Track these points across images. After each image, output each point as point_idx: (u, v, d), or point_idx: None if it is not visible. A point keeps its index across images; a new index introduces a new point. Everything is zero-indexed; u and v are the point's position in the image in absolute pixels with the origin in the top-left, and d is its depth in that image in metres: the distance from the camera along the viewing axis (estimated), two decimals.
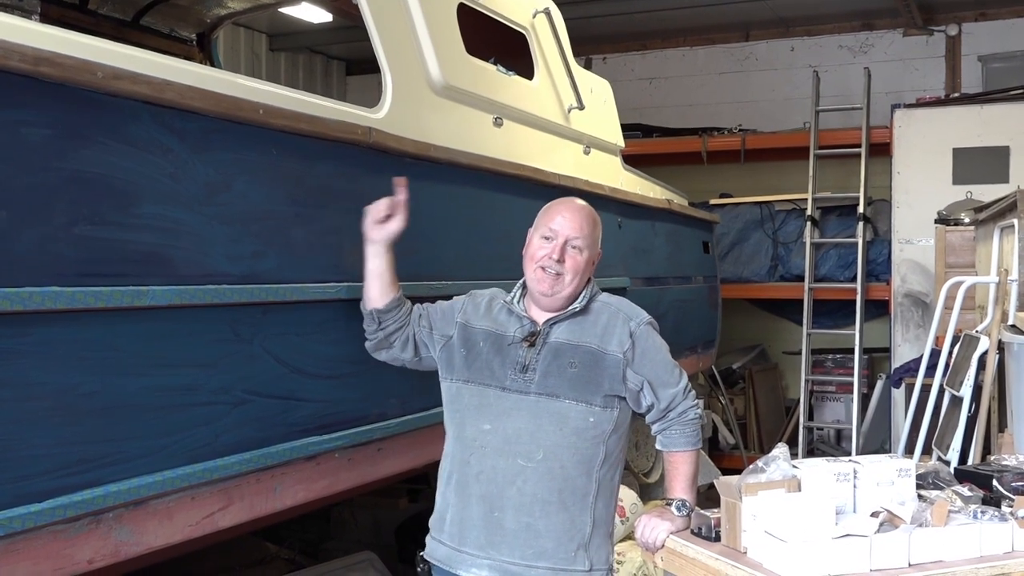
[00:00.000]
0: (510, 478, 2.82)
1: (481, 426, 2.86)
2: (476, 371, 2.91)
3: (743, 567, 2.74)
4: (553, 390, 2.84)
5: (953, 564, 2.75)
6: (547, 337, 2.90)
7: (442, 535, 2.92)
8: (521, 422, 2.83)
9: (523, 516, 2.81)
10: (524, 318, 2.94)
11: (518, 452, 2.82)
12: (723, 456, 8.56)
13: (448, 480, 2.93)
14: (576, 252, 2.91)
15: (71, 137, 2.42)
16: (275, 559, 4.95)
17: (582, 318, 2.93)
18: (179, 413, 2.73)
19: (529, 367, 2.86)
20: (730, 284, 8.67)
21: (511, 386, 2.86)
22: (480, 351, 2.93)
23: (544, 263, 2.90)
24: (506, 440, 2.83)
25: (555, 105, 4.99)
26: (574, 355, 2.87)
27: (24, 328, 2.31)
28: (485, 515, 2.83)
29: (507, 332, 2.94)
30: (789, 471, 2.90)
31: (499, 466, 2.83)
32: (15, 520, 2.29)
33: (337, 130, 3.25)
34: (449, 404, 2.98)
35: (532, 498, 2.81)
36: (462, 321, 3.01)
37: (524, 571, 2.81)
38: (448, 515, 2.90)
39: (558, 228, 2.93)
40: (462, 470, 2.88)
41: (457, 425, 2.93)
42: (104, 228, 2.49)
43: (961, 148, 7.77)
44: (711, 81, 10.05)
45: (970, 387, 5.03)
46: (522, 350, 2.88)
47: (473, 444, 2.87)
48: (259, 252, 2.97)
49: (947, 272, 6.69)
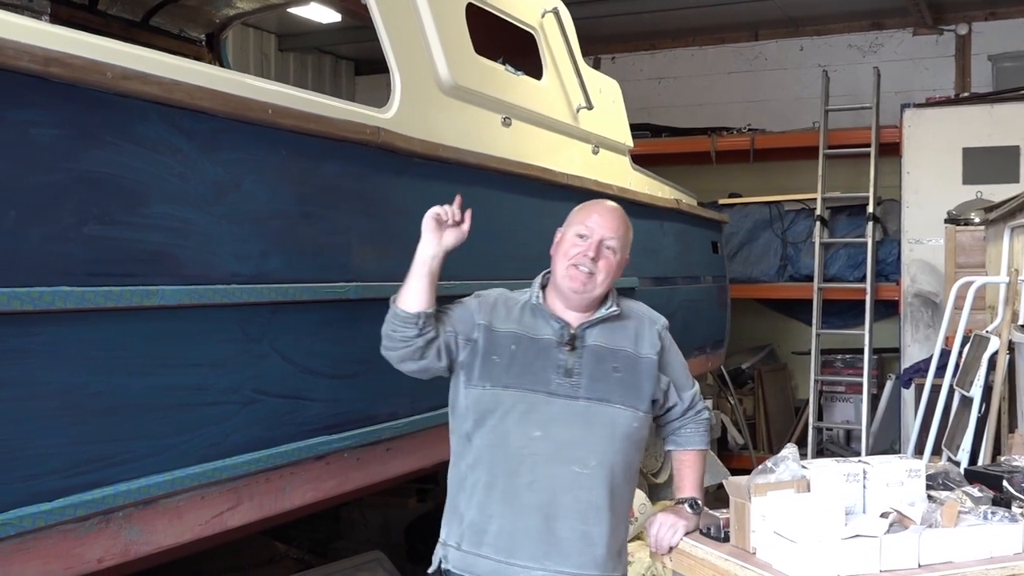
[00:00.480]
0: (566, 486, 2.74)
1: (530, 433, 2.75)
2: (516, 376, 2.79)
3: (752, 568, 2.74)
4: (604, 395, 2.79)
5: (963, 565, 2.74)
6: (584, 340, 2.84)
7: (482, 548, 2.76)
8: (574, 428, 2.76)
9: (579, 524, 2.75)
10: (555, 320, 2.86)
11: (572, 459, 2.75)
12: (732, 456, 8.54)
13: (488, 491, 2.77)
14: (610, 253, 2.86)
15: (81, 137, 2.43)
16: (284, 558, 4.96)
17: (614, 322, 2.89)
18: (188, 413, 2.73)
19: (573, 371, 2.80)
20: (739, 284, 8.65)
21: (557, 391, 2.78)
22: (515, 355, 2.81)
23: (578, 260, 2.83)
24: (559, 447, 2.75)
25: (564, 105, 4.99)
26: (615, 360, 2.84)
27: (34, 328, 2.32)
28: (541, 525, 2.73)
29: (540, 335, 2.84)
30: (798, 471, 2.89)
31: (553, 474, 2.74)
32: (25, 519, 2.30)
33: (346, 130, 3.26)
34: (481, 411, 2.80)
35: (587, 505, 2.75)
36: (484, 323, 2.86)
37: None
38: (492, 528, 2.76)
39: (594, 226, 2.86)
40: (510, 480, 2.75)
41: (497, 433, 2.78)
42: (113, 228, 2.50)
43: (971, 148, 7.74)
44: (720, 81, 10.03)
45: (980, 387, 5.01)
46: (563, 354, 2.81)
47: (522, 452, 2.75)
48: (268, 252, 2.98)
49: (957, 272, 6.67)
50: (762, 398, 9.14)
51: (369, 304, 3.36)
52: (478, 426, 2.82)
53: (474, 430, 2.83)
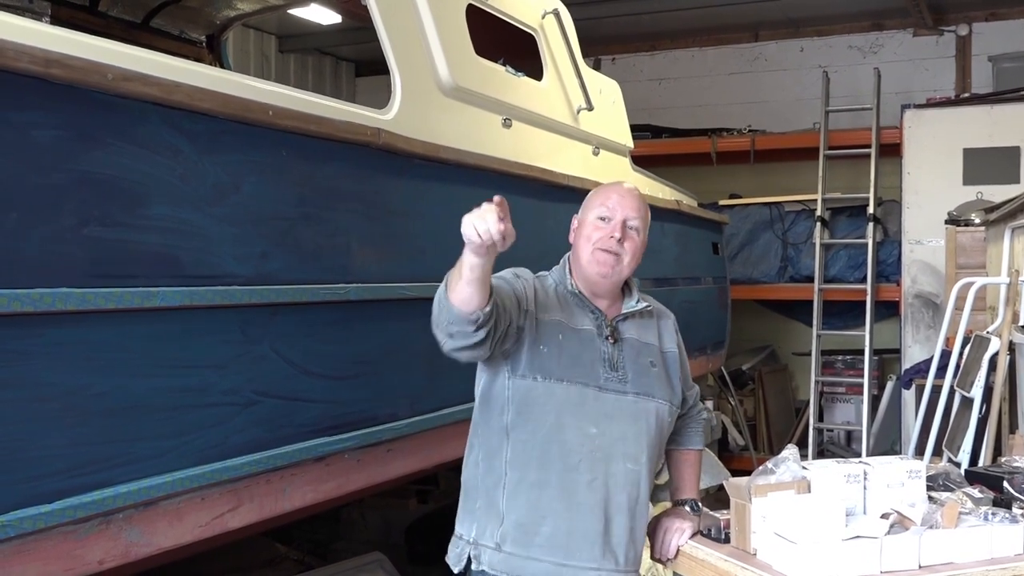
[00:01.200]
0: (622, 483, 2.71)
1: (587, 430, 2.67)
2: (567, 368, 2.68)
3: (753, 569, 2.74)
4: (648, 390, 2.77)
5: (964, 566, 2.74)
6: (620, 334, 2.80)
7: (531, 550, 2.65)
8: (625, 424, 2.72)
9: (628, 521, 2.73)
10: (594, 311, 2.79)
11: (626, 455, 2.71)
12: (733, 457, 8.54)
13: (541, 489, 2.66)
14: (635, 233, 2.79)
15: (81, 139, 2.43)
16: (285, 560, 4.95)
17: (640, 318, 2.87)
18: (189, 414, 2.73)
19: (617, 365, 2.75)
20: (740, 285, 8.65)
21: (607, 386, 2.72)
22: (563, 346, 2.70)
23: (604, 244, 2.74)
24: (612, 443, 2.70)
25: (564, 106, 4.99)
26: (649, 354, 2.82)
27: (34, 329, 2.32)
28: (600, 524, 2.68)
29: (580, 325, 2.75)
30: (799, 472, 2.89)
31: (612, 471, 2.69)
32: (26, 521, 2.30)
33: (346, 131, 3.26)
34: (528, 404, 2.68)
35: (636, 502, 2.74)
36: (531, 310, 2.71)
37: None
38: (544, 528, 2.65)
39: (615, 207, 2.77)
40: (568, 476, 2.66)
41: (551, 428, 2.66)
42: (114, 229, 2.50)
43: (971, 148, 7.74)
44: (720, 82, 10.04)
45: (981, 388, 5.01)
46: (606, 346, 2.75)
47: (581, 449, 2.66)
48: (268, 253, 2.97)
49: (957, 273, 6.67)
50: (763, 399, 9.14)
51: (369, 305, 3.37)
52: (523, 419, 2.69)
53: (516, 423, 2.70)
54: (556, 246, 3.17)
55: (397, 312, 3.50)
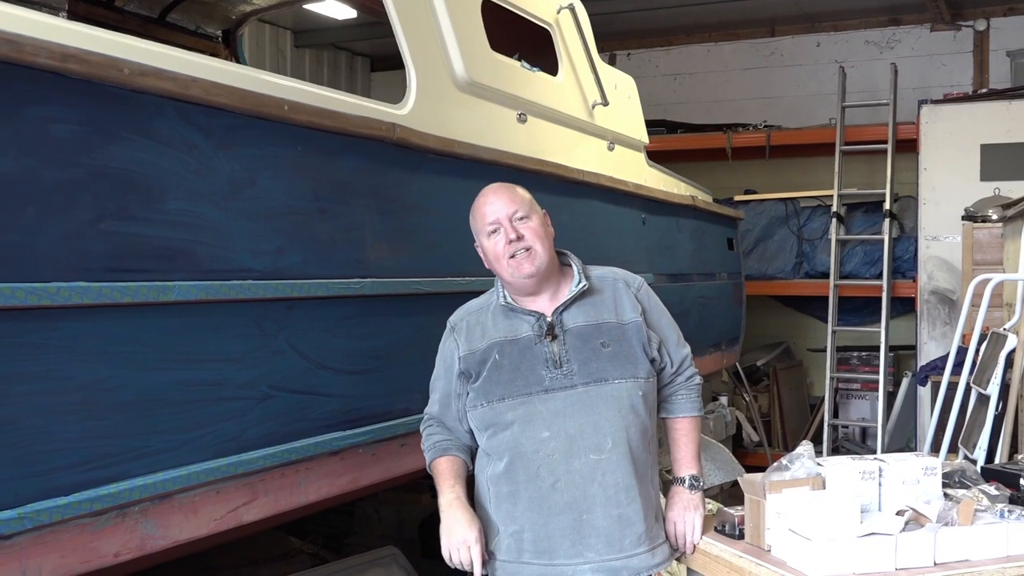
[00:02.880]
0: (588, 476, 2.73)
1: (538, 435, 2.74)
2: (507, 384, 2.77)
3: (767, 565, 2.74)
4: (599, 375, 2.77)
5: (979, 564, 2.73)
6: (563, 325, 2.81)
7: (523, 556, 2.76)
8: (579, 417, 2.74)
9: (613, 509, 2.74)
10: (530, 314, 2.83)
11: (587, 448, 2.73)
12: (747, 454, 8.52)
13: (514, 500, 2.77)
14: (525, 221, 2.81)
15: (97, 133, 2.44)
16: (299, 553, 4.97)
17: (588, 297, 2.86)
18: (204, 408, 2.74)
19: (562, 360, 2.77)
20: (755, 281, 8.63)
21: (552, 385, 2.76)
22: (500, 364, 2.80)
23: (509, 251, 2.79)
24: (571, 440, 2.73)
25: (579, 101, 4.98)
26: (600, 335, 2.81)
27: (51, 323, 2.33)
28: (574, 521, 2.72)
29: (519, 334, 2.82)
30: (814, 469, 2.89)
31: (574, 468, 2.73)
32: (42, 513, 2.32)
33: (361, 126, 3.26)
34: (489, 427, 2.81)
35: (616, 488, 2.74)
36: (464, 354, 2.85)
37: (627, 562, 2.75)
38: (526, 535, 2.75)
39: (495, 216, 2.82)
40: (534, 485, 2.74)
41: (509, 445, 2.77)
42: (130, 223, 2.51)
43: (989, 144, 7.69)
44: (736, 77, 10.01)
45: (997, 385, 4.98)
46: (546, 346, 2.79)
47: (537, 456, 2.74)
48: (283, 248, 2.98)
49: (974, 269, 6.64)
50: (777, 395, 9.12)
51: (384, 300, 3.38)
52: (490, 441, 2.82)
53: (489, 445, 2.84)
54: (569, 241, 3.18)
55: (412, 307, 3.51)
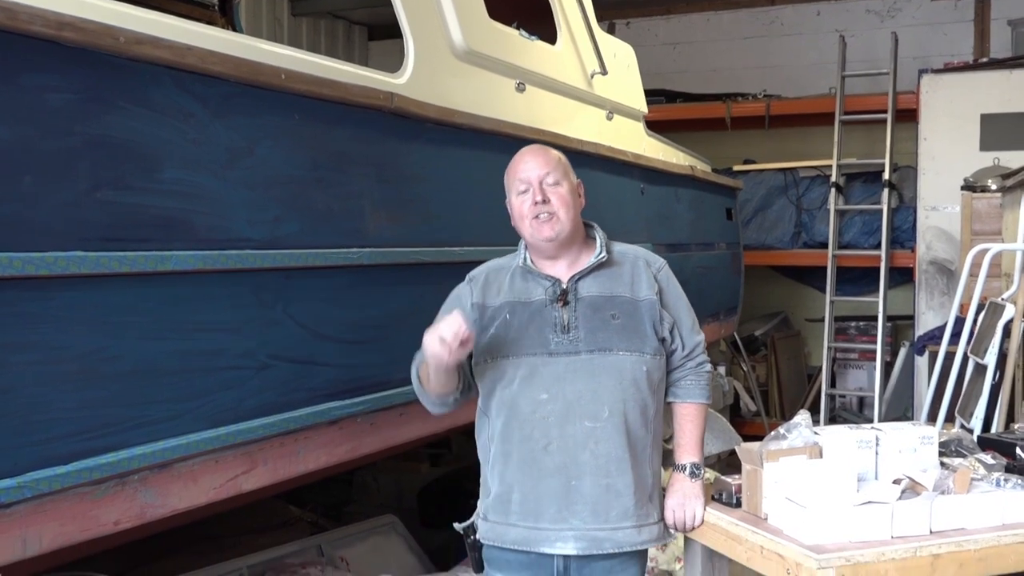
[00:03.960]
0: (581, 442, 2.73)
1: (537, 397, 2.75)
2: (513, 343, 2.78)
3: (763, 533, 2.75)
4: (604, 344, 2.77)
5: (975, 532, 2.74)
6: (577, 293, 2.81)
7: (510, 517, 2.77)
8: (579, 383, 2.74)
9: (601, 478, 2.73)
10: (546, 278, 2.83)
11: (584, 414, 2.73)
12: (745, 423, 8.55)
13: (506, 460, 2.79)
14: (556, 187, 2.80)
15: (94, 102, 2.43)
16: (298, 522, 5.00)
17: (606, 269, 2.85)
18: (203, 377, 2.75)
19: (570, 326, 2.77)
20: (753, 251, 8.62)
21: (557, 349, 2.76)
22: (510, 323, 2.80)
23: (533, 212, 2.78)
24: (568, 405, 2.74)
25: (578, 70, 4.96)
26: (612, 307, 2.80)
27: (49, 292, 2.33)
28: (563, 486, 2.73)
29: (533, 297, 2.82)
30: (811, 438, 2.89)
31: (567, 432, 2.73)
32: (42, 482, 2.33)
33: (359, 95, 3.25)
34: (491, 385, 2.82)
35: (607, 458, 2.74)
36: (478, 303, 2.85)
37: (611, 534, 2.74)
38: (515, 496, 2.77)
39: (526, 175, 2.81)
40: (527, 446, 2.75)
41: (507, 404, 2.78)
42: (126, 193, 2.51)
43: (989, 114, 7.66)
44: (736, 46, 9.94)
45: (995, 355, 4.99)
46: (556, 311, 2.78)
47: (533, 417, 2.74)
48: (281, 217, 2.98)
49: (973, 239, 6.62)
50: (775, 365, 9.14)
51: (382, 270, 3.37)
52: (489, 399, 2.83)
53: (487, 404, 2.85)
54: None
55: (410, 276, 3.51)
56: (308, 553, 4.32)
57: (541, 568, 2.77)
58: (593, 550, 2.73)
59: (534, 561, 2.77)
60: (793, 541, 2.66)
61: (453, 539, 2.97)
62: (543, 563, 2.76)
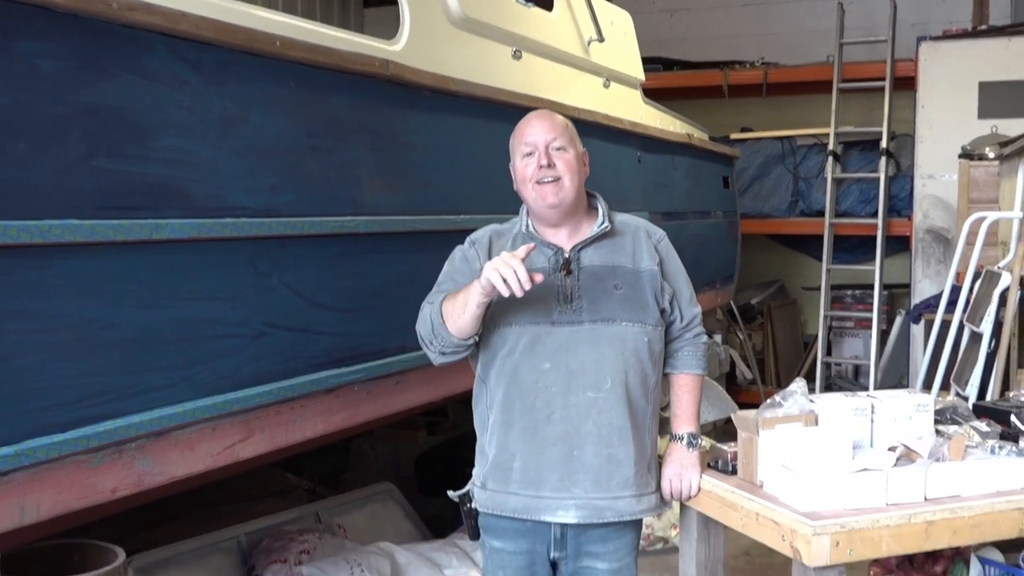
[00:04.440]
0: (584, 412, 2.73)
1: (540, 366, 2.73)
2: (516, 312, 2.75)
3: (759, 500, 2.76)
4: (608, 315, 2.76)
5: (969, 499, 2.76)
6: (580, 262, 2.80)
7: (510, 486, 2.77)
8: (582, 353, 2.73)
9: (604, 448, 2.73)
10: (548, 246, 2.81)
11: (586, 384, 2.73)
12: (741, 391, 8.57)
13: (507, 429, 2.77)
14: (562, 152, 2.78)
15: (87, 69, 2.41)
16: (295, 489, 5.02)
17: (608, 240, 2.84)
18: (199, 345, 2.75)
19: (573, 296, 2.75)
20: (750, 219, 8.60)
21: (560, 319, 2.74)
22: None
23: (537, 176, 2.76)
24: (571, 374, 2.73)
25: (575, 37, 4.93)
26: (614, 277, 2.79)
27: (44, 261, 2.33)
28: (565, 455, 2.73)
29: (535, 265, 2.76)
30: (807, 406, 2.90)
31: (570, 402, 2.73)
32: (39, 450, 2.33)
33: (354, 62, 3.23)
34: (492, 353, 2.80)
35: (609, 428, 2.74)
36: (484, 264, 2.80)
37: (612, 503, 2.75)
38: (516, 464, 2.76)
39: (533, 139, 2.78)
40: (529, 416, 2.74)
41: (508, 372, 2.76)
42: (120, 161, 2.50)
43: (987, 82, 7.63)
44: (733, 13, 9.88)
45: (990, 323, 5.00)
46: (559, 280, 2.77)
47: (536, 387, 2.73)
48: (277, 185, 2.97)
49: (970, 207, 6.61)
50: (771, 333, 9.15)
51: (379, 238, 3.37)
52: (489, 368, 2.81)
53: (486, 372, 2.83)
54: None
55: (406, 244, 3.50)
56: (305, 521, 4.34)
57: (538, 535, 2.78)
58: (594, 519, 2.75)
59: (531, 528, 2.78)
60: (788, 508, 2.68)
61: (450, 506, 2.97)
62: (540, 530, 2.78)
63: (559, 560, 2.80)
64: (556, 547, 2.78)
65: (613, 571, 2.81)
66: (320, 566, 3.82)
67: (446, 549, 4.32)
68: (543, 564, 2.81)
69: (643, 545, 5.04)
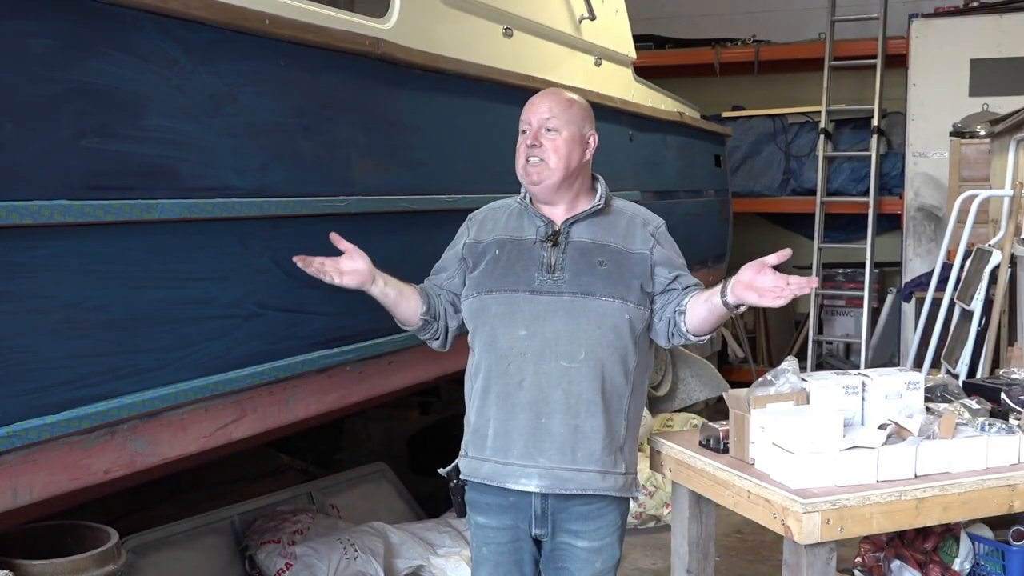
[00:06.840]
0: (555, 381, 2.73)
1: (516, 333, 2.75)
2: (499, 279, 2.79)
3: (750, 478, 2.78)
4: (588, 288, 2.76)
5: (960, 476, 2.78)
6: (568, 236, 2.81)
7: (484, 452, 2.79)
8: (559, 323, 2.74)
9: (570, 419, 2.73)
10: (540, 218, 2.83)
11: (560, 354, 2.73)
12: (732, 370, 8.60)
13: (485, 395, 2.80)
14: (553, 134, 2.79)
15: (75, 48, 2.39)
16: (288, 470, 5.03)
17: (602, 218, 2.85)
18: (191, 326, 2.74)
19: (556, 267, 2.77)
20: (741, 198, 8.61)
21: (541, 288, 2.76)
22: (498, 259, 2.82)
23: (525, 154, 2.79)
24: (545, 343, 2.74)
25: (566, 15, 4.91)
26: (601, 254, 2.80)
27: (34, 241, 2.32)
28: (532, 422, 2.74)
29: (524, 236, 2.82)
30: (798, 384, 2.91)
31: (542, 370, 2.73)
32: (31, 431, 2.33)
33: (345, 41, 3.21)
34: (475, 319, 2.83)
35: (578, 399, 2.73)
36: (470, 241, 2.90)
37: (575, 476, 2.73)
38: (490, 430, 2.78)
39: (529, 117, 2.82)
40: (503, 381, 2.76)
41: (488, 337, 2.79)
42: (110, 141, 2.48)
43: (979, 59, 7.63)
44: None
45: (981, 301, 5.03)
46: (545, 251, 2.78)
47: (511, 352, 2.75)
48: (268, 165, 2.96)
49: (961, 185, 6.63)
50: (762, 312, 9.17)
51: (371, 218, 3.36)
52: (474, 335, 2.85)
53: (472, 339, 2.86)
54: None
55: (397, 224, 3.50)
56: (298, 501, 4.35)
57: (519, 511, 2.78)
58: (556, 489, 2.73)
59: (512, 504, 2.78)
60: (780, 486, 2.69)
61: (442, 486, 2.98)
62: (521, 506, 2.77)
63: (541, 537, 2.81)
64: (537, 524, 2.78)
65: (593, 549, 2.79)
66: (313, 546, 3.83)
67: (439, 528, 4.34)
68: (527, 541, 2.81)
69: (635, 523, 5.09)
